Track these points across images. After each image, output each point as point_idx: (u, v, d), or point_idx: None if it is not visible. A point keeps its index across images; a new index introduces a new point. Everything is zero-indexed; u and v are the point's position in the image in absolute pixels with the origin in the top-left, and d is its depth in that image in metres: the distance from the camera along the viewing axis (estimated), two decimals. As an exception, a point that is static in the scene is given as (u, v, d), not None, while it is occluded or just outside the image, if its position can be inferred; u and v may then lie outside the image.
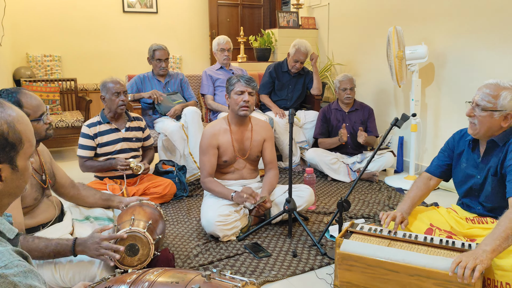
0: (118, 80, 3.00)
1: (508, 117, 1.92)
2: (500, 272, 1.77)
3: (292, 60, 4.05)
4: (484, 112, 1.94)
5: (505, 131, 1.97)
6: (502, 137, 1.96)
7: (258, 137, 2.77)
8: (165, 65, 3.82)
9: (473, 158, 2.10)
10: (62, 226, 1.98)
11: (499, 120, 1.93)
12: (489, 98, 1.92)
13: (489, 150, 2.02)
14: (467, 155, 2.13)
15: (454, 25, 3.49)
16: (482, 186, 2.06)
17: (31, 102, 1.80)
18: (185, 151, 3.59)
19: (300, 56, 4.01)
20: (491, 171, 2.00)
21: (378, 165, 3.69)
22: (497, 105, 1.90)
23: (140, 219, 1.94)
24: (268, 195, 2.61)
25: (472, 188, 2.10)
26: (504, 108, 1.90)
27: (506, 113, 1.91)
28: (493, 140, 1.97)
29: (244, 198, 2.48)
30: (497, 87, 1.92)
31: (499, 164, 1.97)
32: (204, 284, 1.21)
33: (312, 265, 2.21)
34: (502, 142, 1.96)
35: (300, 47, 3.99)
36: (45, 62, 5.57)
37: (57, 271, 1.76)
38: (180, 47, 6.43)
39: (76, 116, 4.65)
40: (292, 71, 4.12)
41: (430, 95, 3.80)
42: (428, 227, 2.10)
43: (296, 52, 4.01)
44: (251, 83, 2.64)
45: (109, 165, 2.95)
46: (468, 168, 2.11)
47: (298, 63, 4.05)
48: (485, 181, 2.04)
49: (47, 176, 1.99)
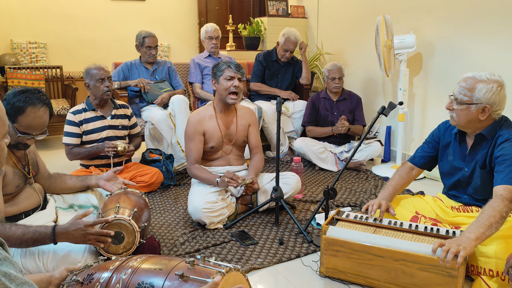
0: (102, 66, 2.95)
1: (485, 110, 1.91)
2: (483, 259, 1.79)
3: (282, 50, 4.03)
4: (461, 105, 1.95)
5: (492, 124, 1.97)
6: (489, 131, 1.97)
7: (243, 122, 2.77)
8: (155, 52, 3.78)
9: (460, 150, 2.11)
10: (45, 214, 1.95)
11: (476, 113, 1.93)
12: (465, 92, 1.93)
13: (476, 143, 2.03)
14: (453, 147, 2.14)
15: (442, 15, 3.49)
16: (470, 179, 2.08)
17: (30, 121, 1.79)
18: (173, 140, 3.56)
19: (290, 46, 3.99)
20: (479, 164, 2.02)
21: (366, 155, 3.71)
22: (473, 98, 1.91)
23: (125, 207, 1.92)
24: (255, 177, 2.61)
25: (460, 180, 2.12)
26: (479, 101, 1.90)
27: (482, 106, 1.91)
28: (481, 133, 1.98)
29: (226, 182, 2.47)
30: (474, 80, 1.92)
31: (487, 157, 1.98)
32: (188, 270, 1.21)
33: (298, 253, 2.22)
34: (490, 135, 1.97)
35: (290, 36, 3.97)
36: (30, 49, 5.47)
37: (40, 259, 1.74)
38: (168, 35, 6.36)
39: (62, 104, 4.59)
40: (282, 60, 4.10)
41: (418, 85, 3.81)
42: (413, 215, 2.12)
43: (286, 41, 3.99)
44: (240, 69, 2.63)
45: (96, 150, 2.90)
46: (455, 160, 2.12)
47: (288, 53, 4.02)
48: (473, 173, 2.06)
49: (30, 166, 1.96)
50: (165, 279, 1.19)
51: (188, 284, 1.16)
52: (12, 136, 1.79)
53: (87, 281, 1.30)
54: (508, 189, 1.79)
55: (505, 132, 1.94)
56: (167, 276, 1.20)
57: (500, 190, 1.80)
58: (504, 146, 1.90)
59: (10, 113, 1.76)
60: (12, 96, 1.77)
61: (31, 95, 1.79)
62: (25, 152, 1.94)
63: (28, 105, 1.77)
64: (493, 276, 1.75)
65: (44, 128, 1.85)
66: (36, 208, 1.95)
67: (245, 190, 2.59)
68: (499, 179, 1.84)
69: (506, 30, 3.02)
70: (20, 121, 1.77)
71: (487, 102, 1.89)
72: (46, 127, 1.87)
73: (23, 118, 1.77)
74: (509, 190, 1.78)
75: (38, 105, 1.80)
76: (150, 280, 1.20)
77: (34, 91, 1.83)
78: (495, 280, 1.75)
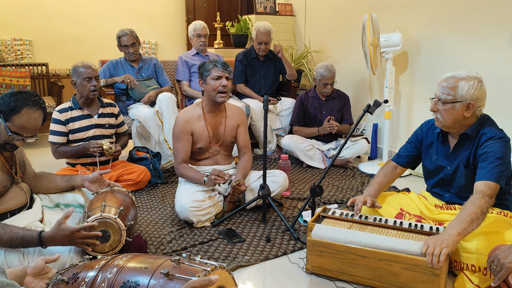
0: (90, 64, 2.93)
1: (470, 106, 1.95)
2: (466, 254, 1.83)
3: (256, 43, 4.05)
4: (446, 105, 1.98)
5: (476, 123, 2.01)
6: (473, 129, 2.00)
7: (232, 123, 2.76)
8: (132, 50, 3.74)
9: (443, 149, 2.14)
10: (30, 213, 1.93)
11: (461, 110, 1.96)
12: (448, 91, 1.96)
13: (460, 143, 2.06)
14: (437, 147, 2.17)
15: (428, 13, 3.53)
16: (453, 177, 2.11)
17: (24, 121, 1.78)
18: (160, 138, 3.55)
19: (261, 37, 4.01)
20: (463, 163, 2.05)
21: (353, 152, 3.74)
22: (457, 96, 1.94)
23: (111, 205, 1.92)
24: (242, 179, 2.61)
25: (443, 178, 2.15)
26: (463, 98, 1.94)
27: (466, 103, 1.94)
28: (466, 133, 2.02)
29: (213, 180, 2.47)
30: (454, 79, 1.96)
31: (471, 156, 2.02)
32: (173, 269, 1.21)
33: (285, 250, 2.23)
34: (474, 134, 2.00)
35: (260, 28, 3.99)
36: (15, 46, 5.39)
37: (25, 259, 1.73)
38: (156, 32, 6.32)
39: (48, 102, 4.53)
40: (260, 54, 4.10)
41: (404, 83, 3.85)
42: (398, 212, 2.15)
43: (258, 34, 4.01)
44: (227, 67, 2.61)
45: (82, 149, 2.88)
46: (438, 160, 2.16)
47: (263, 45, 4.03)
48: (455, 172, 2.09)
49: (17, 166, 1.95)
50: (150, 277, 1.19)
51: (174, 283, 1.16)
52: (2, 135, 1.79)
53: (72, 280, 1.30)
54: (488, 185, 1.82)
55: (488, 131, 1.98)
56: (153, 275, 1.20)
57: (481, 186, 1.84)
58: (487, 144, 1.94)
59: (4, 111, 1.77)
60: (10, 96, 1.78)
61: (29, 97, 1.80)
62: (12, 152, 1.93)
63: (25, 105, 1.78)
64: (476, 271, 1.79)
65: (36, 131, 1.85)
66: (22, 207, 1.94)
67: (232, 192, 2.60)
68: (481, 175, 1.87)
69: (490, 29, 3.06)
70: (14, 120, 1.78)
71: (470, 98, 1.93)
72: (37, 131, 1.86)
73: (18, 118, 1.78)
74: (489, 186, 1.82)
75: (34, 108, 1.81)
76: (136, 279, 1.21)
77: (32, 93, 1.84)
78: (477, 275, 1.78)
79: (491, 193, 1.80)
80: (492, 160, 1.88)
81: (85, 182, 2.15)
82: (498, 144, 1.91)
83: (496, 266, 1.52)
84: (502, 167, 1.86)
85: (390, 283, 1.82)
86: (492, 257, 1.57)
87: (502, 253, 1.53)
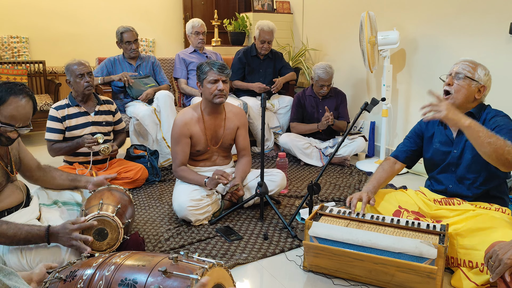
0: (82, 61, 2.92)
1: (482, 89, 2.06)
2: (462, 251, 1.84)
3: (259, 42, 4.04)
4: (464, 80, 2.05)
5: (477, 107, 2.09)
6: (477, 110, 2.09)
7: (231, 125, 2.74)
8: (135, 46, 3.74)
9: (446, 135, 2.16)
10: (28, 211, 1.93)
11: (475, 90, 2.06)
12: (469, 69, 2.07)
13: None
14: (439, 135, 2.19)
15: (426, 12, 3.53)
16: (460, 159, 2.12)
17: (12, 110, 1.75)
18: (158, 136, 3.55)
19: (265, 36, 4.00)
20: (469, 142, 2.04)
21: (350, 150, 3.74)
22: (475, 76, 2.05)
23: (109, 203, 1.92)
24: (241, 183, 2.61)
25: (450, 163, 2.16)
26: (480, 80, 2.05)
27: (480, 85, 2.06)
28: (471, 112, 2.08)
29: (217, 180, 2.47)
30: (474, 62, 2.09)
31: None
32: (171, 266, 1.21)
33: (283, 247, 2.24)
34: (477, 114, 2.08)
35: (263, 27, 3.99)
36: (11, 44, 5.37)
37: (23, 256, 1.73)
38: (153, 30, 6.31)
39: (45, 100, 4.52)
40: (262, 53, 4.10)
41: (401, 81, 3.85)
42: (396, 209, 2.15)
43: (261, 33, 4.00)
44: (224, 70, 2.55)
45: (77, 145, 2.87)
46: (442, 146, 2.18)
47: (266, 43, 4.03)
48: (462, 152, 2.11)
49: (13, 164, 1.94)
50: (148, 275, 1.19)
51: (171, 280, 1.16)
52: None
53: (70, 278, 1.29)
54: None
55: (491, 110, 2.10)
56: (150, 272, 1.20)
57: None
58: (496, 120, 2.01)
59: None
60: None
61: (14, 86, 1.77)
62: (7, 149, 1.92)
63: (10, 95, 1.75)
64: (473, 268, 1.79)
65: (27, 120, 1.82)
66: (19, 206, 1.93)
67: (230, 197, 2.60)
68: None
69: (488, 27, 3.07)
70: (2, 111, 1.74)
71: (484, 83, 2.07)
72: (29, 120, 1.84)
73: (5, 108, 1.74)
74: None
75: (20, 95, 1.77)
76: (133, 276, 1.21)
77: (17, 83, 1.81)
78: (475, 271, 1.79)
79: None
80: (507, 131, 1.90)
81: (89, 185, 2.16)
82: (508, 119, 2.02)
83: (494, 262, 1.53)
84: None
85: (387, 282, 1.82)
86: (490, 253, 1.57)
87: (501, 249, 1.53)
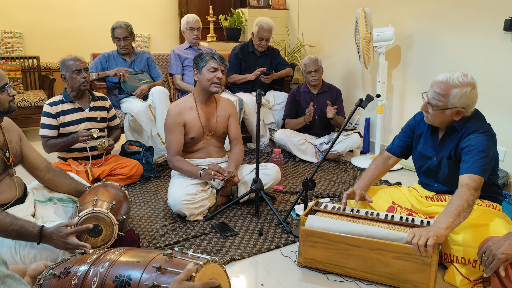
0: (78, 57, 2.90)
1: (459, 112, 1.95)
2: (455, 247, 1.85)
3: (257, 39, 4.04)
4: (436, 110, 1.99)
5: (460, 121, 2.01)
6: (459, 123, 2.02)
7: (223, 113, 2.77)
8: (123, 44, 3.70)
9: (431, 141, 2.16)
10: (22, 208, 1.92)
11: (451, 115, 1.98)
12: (439, 98, 1.95)
13: (447, 134, 2.09)
14: (425, 137, 2.19)
15: (421, 8, 3.54)
16: (438, 168, 2.14)
17: None
18: (153, 132, 3.54)
19: (264, 33, 4.00)
20: (446, 154, 2.07)
21: (345, 146, 3.75)
22: (448, 103, 1.94)
23: (104, 200, 1.91)
24: (235, 170, 2.62)
25: (430, 169, 2.18)
26: (454, 105, 1.94)
27: (457, 110, 1.95)
28: (452, 125, 2.03)
29: (212, 175, 2.47)
30: (447, 85, 1.92)
31: (453, 148, 2.04)
32: (166, 262, 1.21)
33: (278, 243, 2.24)
34: (460, 127, 2.02)
35: (263, 24, 3.98)
36: (5, 39, 5.33)
37: (17, 252, 1.72)
38: (148, 25, 6.27)
39: (39, 96, 4.50)
40: (259, 50, 4.10)
41: (397, 77, 3.86)
42: (390, 205, 2.17)
43: (260, 30, 4.00)
44: (224, 61, 2.63)
45: (72, 140, 2.85)
46: (425, 149, 2.18)
47: (263, 41, 4.03)
48: (440, 163, 2.12)
49: (11, 154, 1.93)
50: (142, 271, 1.20)
51: (166, 277, 1.16)
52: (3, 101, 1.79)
53: (64, 274, 1.29)
54: (473, 178, 1.84)
55: (473, 124, 1.99)
56: (145, 269, 1.20)
57: (466, 179, 1.86)
58: (470, 138, 1.96)
59: None
60: None
61: None
62: (4, 137, 1.90)
63: None
64: (465, 264, 1.82)
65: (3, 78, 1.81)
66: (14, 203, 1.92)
67: (225, 183, 2.60)
68: (465, 168, 1.89)
69: (483, 23, 3.08)
70: None
71: (461, 106, 1.94)
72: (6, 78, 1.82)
73: None
74: (474, 179, 1.84)
75: None
76: (128, 273, 1.21)
77: None
78: (467, 267, 1.82)
79: (476, 185, 1.83)
80: (475, 154, 1.90)
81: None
82: (481, 138, 1.92)
83: (488, 257, 1.54)
84: (485, 160, 1.88)
85: (382, 274, 1.84)
86: (483, 248, 1.59)
87: (495, 244, 1.54)
